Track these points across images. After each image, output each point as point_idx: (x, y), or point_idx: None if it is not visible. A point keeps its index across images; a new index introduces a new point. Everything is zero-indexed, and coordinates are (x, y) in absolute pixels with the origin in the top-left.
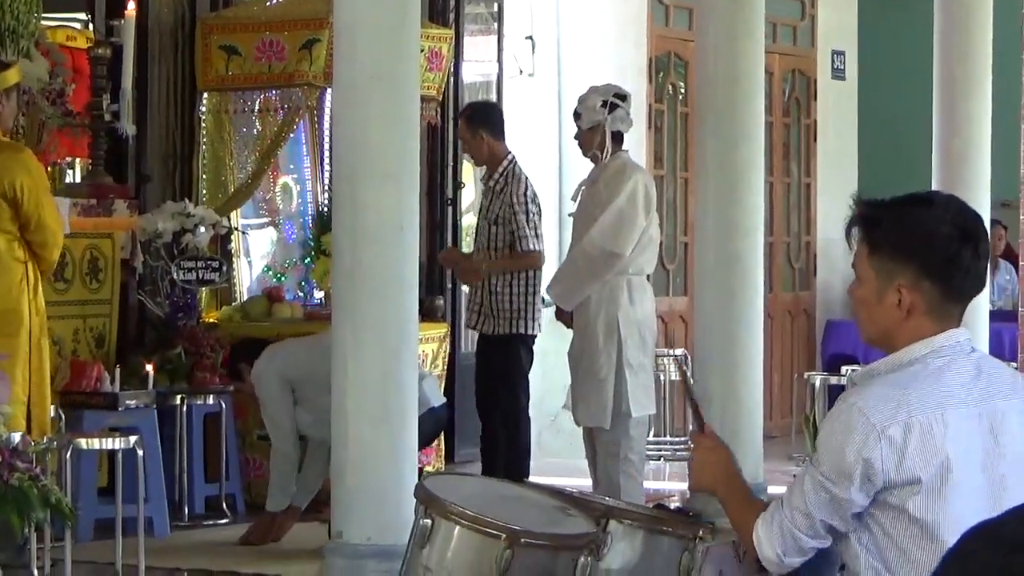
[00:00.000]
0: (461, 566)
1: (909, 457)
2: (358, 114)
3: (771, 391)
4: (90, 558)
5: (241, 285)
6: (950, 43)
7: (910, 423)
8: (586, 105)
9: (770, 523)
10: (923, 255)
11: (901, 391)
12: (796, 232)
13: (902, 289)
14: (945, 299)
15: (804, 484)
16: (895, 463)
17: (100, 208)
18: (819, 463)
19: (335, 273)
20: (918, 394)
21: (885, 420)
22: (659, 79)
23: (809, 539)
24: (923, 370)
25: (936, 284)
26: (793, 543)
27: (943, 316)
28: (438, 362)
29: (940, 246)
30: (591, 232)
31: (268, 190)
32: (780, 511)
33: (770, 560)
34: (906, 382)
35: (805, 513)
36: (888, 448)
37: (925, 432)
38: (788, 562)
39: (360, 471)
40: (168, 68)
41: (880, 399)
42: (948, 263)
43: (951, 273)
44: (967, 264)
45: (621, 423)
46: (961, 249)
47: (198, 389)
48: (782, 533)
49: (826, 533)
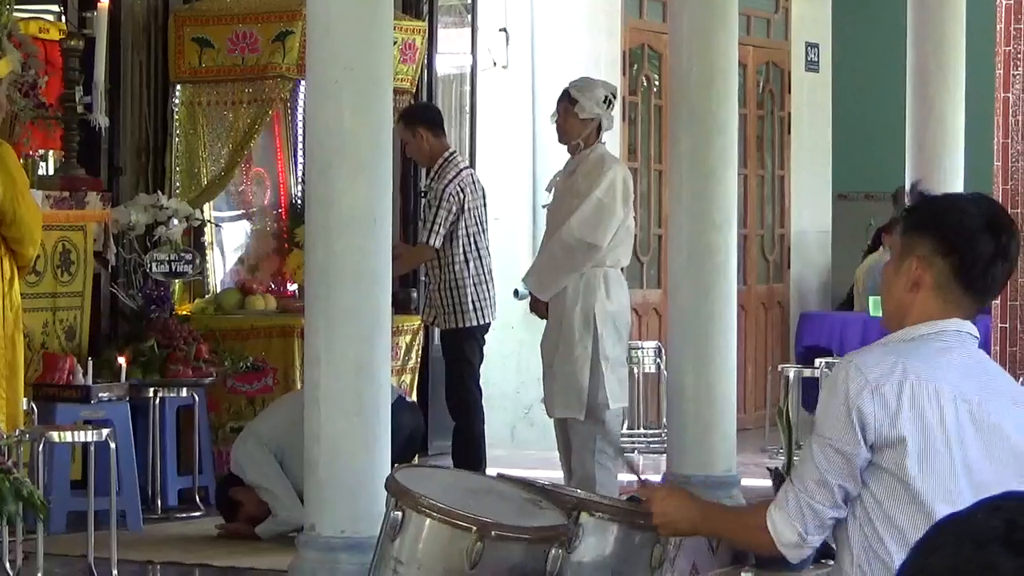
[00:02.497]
0: (432, 558)
1: (899, 415)
2: (331, 106)
3: (745, 384)
4: (62, 551)
5: (214, 277)
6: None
7: (903, 384)
8: (590, 96)
9: (785, 505)
10: (943, 231)
11: (899, 355)
12: (770, 225)
13: (916, 261)
14: (953, 280)
15: (812, 454)
16: (887, 419)
17: (73, 200)
18: (822, 428)
19: (308, 265)
20: (915, 362)
21: (880, 377)
22: (633, 71)
23: (828, 509)
24: (921, 345)
25: (948, 261)
26: (813, 516)
27: (950, 300)
28: (412, 355)
29: (961, 224)
30: (570, 222)
31: (241, 182)
32: (793, 489)
33: (791, 543)
34: (906, 350)
35: (820, 481)
36: (881, 404)
37: (917, 396)
38: (810, 540)
39: (333, 464)
40: (141, 60)
41: (877, 359)
42: (964, 243)
43: (965, 253)
44: (985, 254)
45: (597, 415)
46: (981, 234)
47: (171, 382)
48: (800, 509)
49: (843, 501)
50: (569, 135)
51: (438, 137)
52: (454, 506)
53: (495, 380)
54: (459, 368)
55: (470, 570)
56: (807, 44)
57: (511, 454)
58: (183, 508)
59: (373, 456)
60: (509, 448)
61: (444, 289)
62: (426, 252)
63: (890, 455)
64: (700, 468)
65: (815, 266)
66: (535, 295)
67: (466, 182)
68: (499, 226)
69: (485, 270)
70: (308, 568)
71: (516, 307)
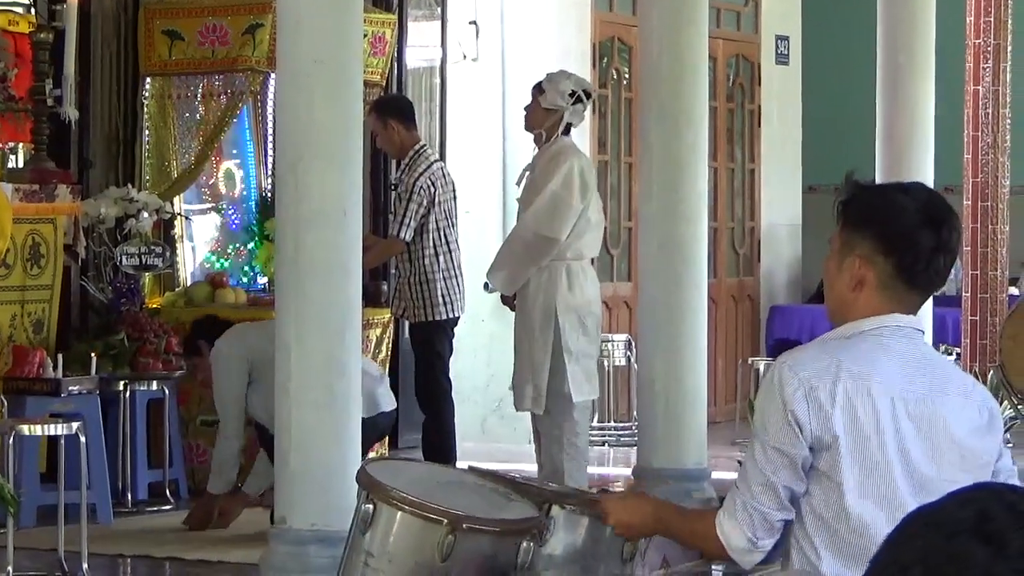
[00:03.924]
0: (403, 551)
1: (832, 416)
2: (301, 99)
3: (715, 377)
4: (32, 544)
5: (184, 271)
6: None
7: (837, 384)
8: (556, 87)
9: (733, 510)
10: (882, 229)
11: (832, 354)
12: (740, 218)
13: (858, 260)
14: (896, 278)
15: (755, 457)
16: (821, 420)
17: (43, 193)
18: (762, 430)
19: (278, 258)
20: (848, 361)
21: (813, 377)
22: (603, 64)
23: (775, 511)
24: (859, 342)
25: (889, 260)
26: (762, 520)
27: (893, 297)
28: (382, 348)
29: (900, 222)
30: (525, 216)
31: (211, 175)
32: (739, 495)
33: (742, 548)
34: (839, 348)
35: (765, 484)
36: (815, 405)
37: (851, 396)
38: (761, 544)
39: (303, 456)
40: (111, 53)
41: (810, 359)
42: (905, 241)
43: (906, 252)
44: (925, 248)
45: (563, 408)
46: (921, 230)
47: (141, 375)
48: (748, 514)
49: (790, 502)
50: (531, 123)
51: (409, 130)
52: (425, 499)
53: (465, 373)
54: (429, 361)
55: (441, 563)
56: (777, 37)
57: (482, 447)
58: (153, 501)
59: (343, 449)
60: (480, 441)
61: (414, 282)
62: (396, 245)
63: (825, 457)
64: (670, 461)
65: (785, 259)
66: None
67: (437, 175)
68: (469, 219)
69: (455, 264)
70: (278, 561)
71: (486, 300)
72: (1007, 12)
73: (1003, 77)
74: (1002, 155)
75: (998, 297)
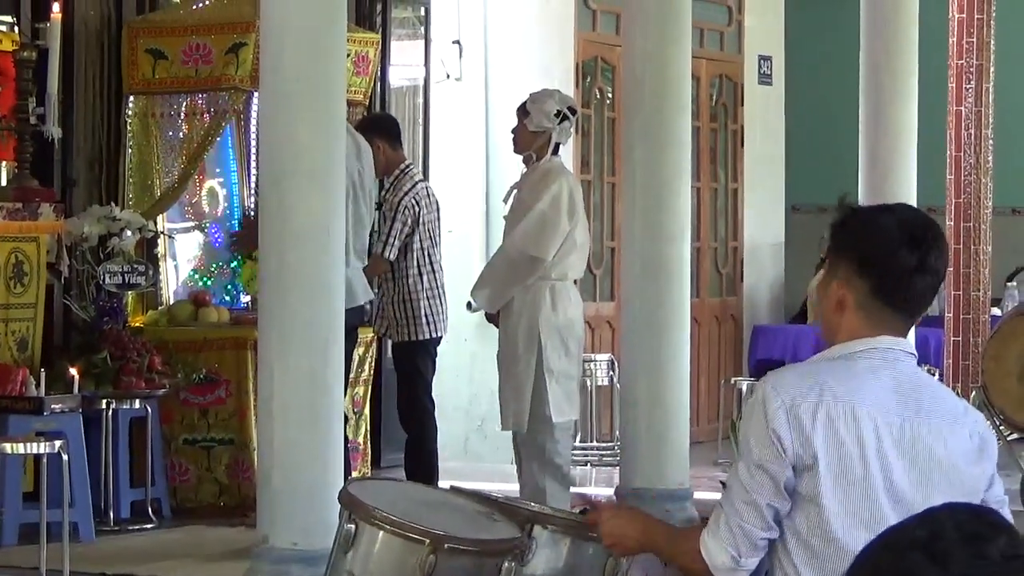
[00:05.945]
0: (385, 571)
1: (814, 438)
2: (284, 118)
3: (698, 396)
4: (15, 563)
5: (167, 289)
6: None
7: (819, 406)
8: (540, 108)
9: (717, 529)
10: (859, 250)
11: (816, 376)
12: (723, 237)
13: (835, 283)
14: (873, 299)
15: (740, 476)
16: (802, 442)
17: (26, 211)
18: (746, 449)
19: (262, 276)
20: (832, 383)
21: (795, 398)
22: (586, 84)
23: (760, 530)
24: (846, 365)
25: (866, 281)
26: (745, 539)
27: (872, 318)
28: (365, 367)
29: (876, 243)
30: (512, 235)
31: (195, 194)
32: (723, 513)
33: (725, 567)
34: (824, 370)
35: (749, 502)
36: (796, 426)
37: (832, 418)
38: (744, 563)
39: (286, 474)
40: (94, 71)
41: (794, 380)
42: (880, 262)
43: (881, 273)
44: (901, 269)
45: (544, 428)
46: (897, 251)
47: (124, 394)
48: (732, 532)
49: (774, 521)
50: (519, 146)
51: (395, 149)
52: (407, 518)
53: (448, 392)
54: (412, 380)
55: None
56: (760, 57)
57: (464, 466)
58: (136, 520)
59: (326, 468)
60: (462, 460)
61: (397, 302)
62: (381, 264)
63: (807, 478)
64: (653, 481)
65: (768, 279)
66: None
67: (421, 195)
68: (452, 238)
69: (438, 283)
70: None
71: (469, 319)
72: (989, 33)
73: (985, 98)
74: (984, 176)
75: (980, 318)
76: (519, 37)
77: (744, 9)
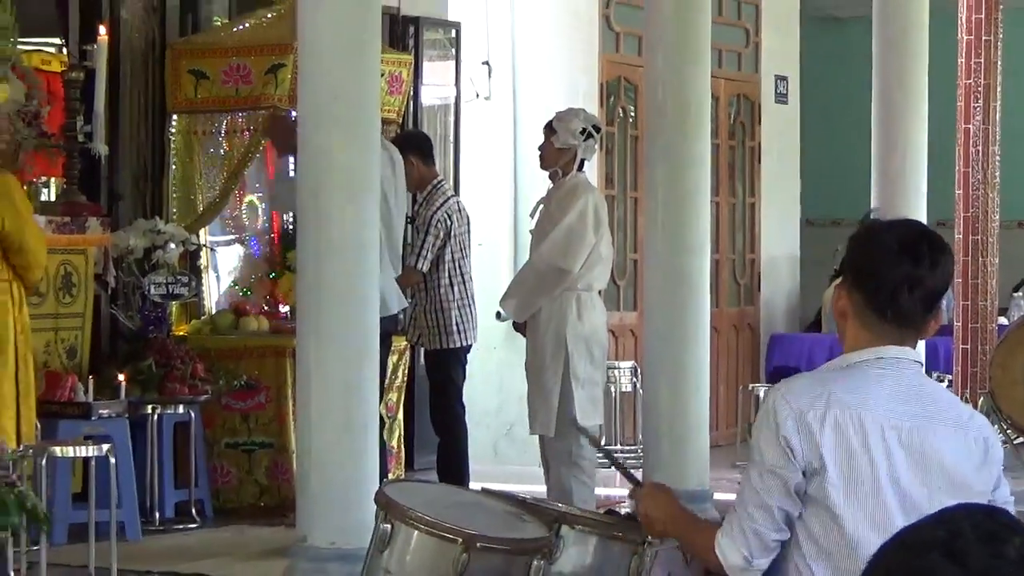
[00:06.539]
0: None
1: (822, 444)
2: (321, 136)
3: (717, 402)
4: (64, 561)
5: (209, 299)
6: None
7: (827, 414)
8: (566, 126)
9: (730, 529)
10: (859, 263)
11: (824, 384)
12: (741, 250)
13: (840, 292)
14: (866, 309)
15: (751, 479)
16: (811, 448)
17: (74, 225)
18: (758, 453)
19: (299, 287)
20: (840, 391)
21: (804, 406)
22: (610, 103)
23: (771, 532)
24: (853, 374)
25: (860, 292)
26: (757, 540)
27: (871, 328)
28: (398, 374)
29: (869, 255)
30: (541, 248)
31: (235, 208)
32: (736, 515)
33: (738, 567)
34: (832, 378)
35: (760, 505)
36: (806, 433)
37: (840, 425)
38: (756, 563)
39: (323, 478)
40: (139, 91)
41: (803, 388)
42: (870, 273)
43: (870, 284)
44: (890, 280)
45: (570, 432)
46: (887, 263)
47: (168, 399)
48: (744, 533)
49: (785, 523)
50: (546, 162)
51: (428, 165)
52: (441, 518)
53: (478, 398)
54: (443, 387)
55: None
56: (776, 77)
57: (493, 469)
58: (179, 520)
59: (362, 470)
60: (491, 463)
61: (430, 311)
62: (414, 276)
63: (816, 483)
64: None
65: (784, 289)
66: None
67: (453, 209)
68: (482, 251)
69: (468, 294)
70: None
71: (498, 328)
72: (997, 54)
73: (993, 116)
74: (992, 191)
75: (988, 327)
76: (546, 58)
77: (761, 31)
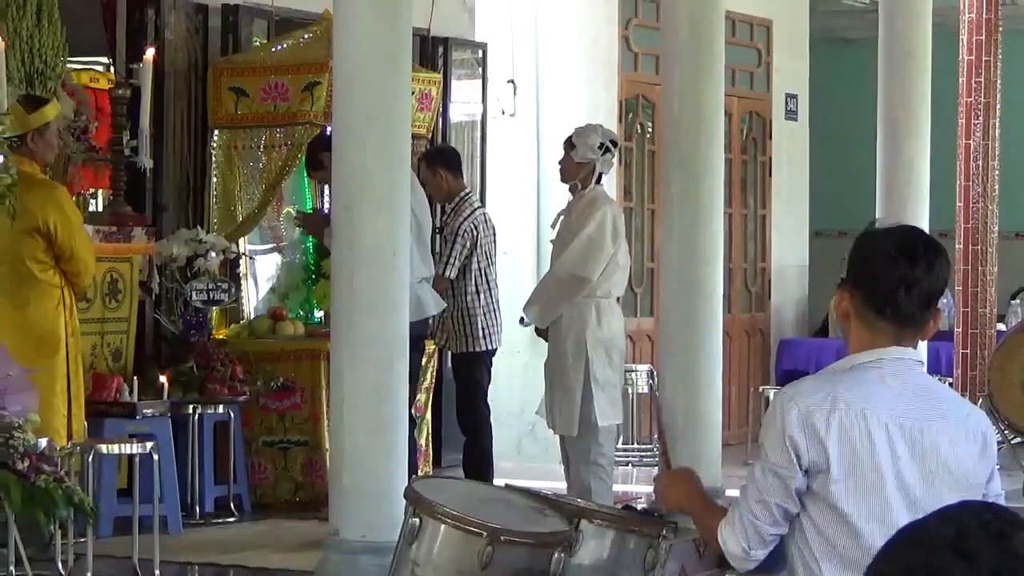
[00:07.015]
0: (446, 561)
1: (828, 444)
2: (355, 150)
3: (729, 404)
4: (109, 553)
5: (248, 305)
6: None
7: (832, 414)
8: (585, 142)
9: (732, 521)
10: (858, 265)
11: (830, 385)
12: (752, 259)
13: (842, 294)
14: (865, 309)
15: (756, 476)
16: (816, 448)
17: (120, 235)
18: (763, 452)
19: (334, 294)
20: (844, 391)
21: (810, 406)
22: (628, 119)
23: (768, 527)
24: (857, 375)
25: (858, 293)
26: (755, 533)
27: (872, 329)
28: (427, 376)
29: (866, 257)
30: (562, 257)
31: (273, 218)
32: (738, 508)
33: (737, 555)
34: (837, 379)
35: (760, 501)
36: (811, 433)
37: (845, 425)
38: (754, 554)
39: (355, 474)
40: (182, 108)
41: (809, 389)
42: (867, 274)
43: (867, 284)
44: (887, 282)
45: (590, 432)
46: (883, 264)
47: (209, 399)
48: (743, 526)
49: (783, 519)
50: (566, 176)
51: (456, 177)
52: (467, 513)
53: (502, 399)
54: (470, 388)
55: (481, 571)
56: (787, 95)
57: (517, 466)
58: (219, 514)
59: (391, 467)
60: (515, 461)
61: (457, 316)
62: (442, 283)
63: (821, 480)
64: None
65: (793, 297)
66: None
67: (479, 220)
68: (506, 260)
69: (494, 300)
70: (332, 569)
71: (522, 333)
72: (997, 73)
73: (993, 132)
74: (991, 203)
75: (987, 332)
76: (568, 77)
77: (772, 52)
